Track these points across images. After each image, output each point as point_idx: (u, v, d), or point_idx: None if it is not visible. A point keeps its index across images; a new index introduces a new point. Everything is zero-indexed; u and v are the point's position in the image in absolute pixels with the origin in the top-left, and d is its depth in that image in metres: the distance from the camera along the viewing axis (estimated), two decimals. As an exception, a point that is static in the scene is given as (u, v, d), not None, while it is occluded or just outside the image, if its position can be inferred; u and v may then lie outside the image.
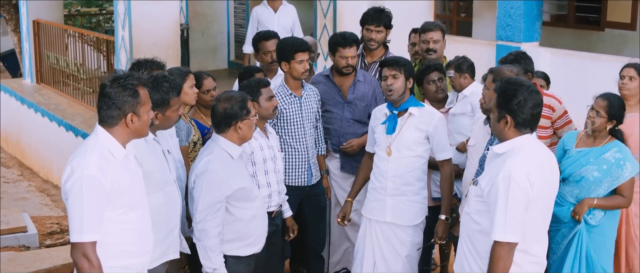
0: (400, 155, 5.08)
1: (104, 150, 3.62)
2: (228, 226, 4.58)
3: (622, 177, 5.02)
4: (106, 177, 3.54)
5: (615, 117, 5.07)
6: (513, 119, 3.94)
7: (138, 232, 3.74)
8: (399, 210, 5.14)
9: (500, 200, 3.85)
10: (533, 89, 3.96)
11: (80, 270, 3.52)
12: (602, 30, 11.06)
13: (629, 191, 5.06)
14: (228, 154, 4.58)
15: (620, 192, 5.07)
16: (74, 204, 3.51)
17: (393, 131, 5.10)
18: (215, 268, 4.49)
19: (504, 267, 3.89)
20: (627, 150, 5.07)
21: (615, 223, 5.20)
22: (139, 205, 3.75)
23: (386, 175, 5.13)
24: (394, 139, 5.10)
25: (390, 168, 5.11)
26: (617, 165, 5.02)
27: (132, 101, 3.63)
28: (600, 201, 5.06)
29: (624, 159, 5.02)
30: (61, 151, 10.60)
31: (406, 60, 5.20)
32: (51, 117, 11.05)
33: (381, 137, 5.17)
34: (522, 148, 3.94)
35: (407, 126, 5.10)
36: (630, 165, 5.02)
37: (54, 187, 11.00)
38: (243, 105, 4.57)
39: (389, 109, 5.17)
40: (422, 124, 5.09)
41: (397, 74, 5.05)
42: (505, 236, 3.85)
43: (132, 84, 3.63)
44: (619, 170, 5.02)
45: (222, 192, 4.47)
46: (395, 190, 5.12)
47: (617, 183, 5.05)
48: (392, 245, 5.21)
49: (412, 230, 5.20)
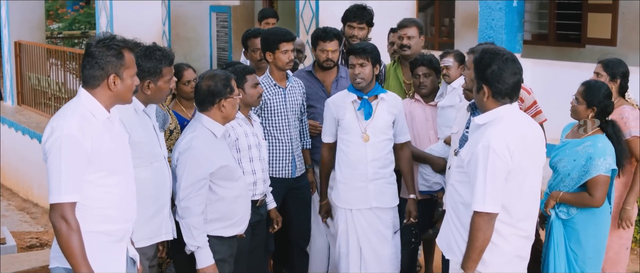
0: (376, 139, 5.18)
1: (85, 111, 3.55)
2: (211, 205, 4.52)
3: (589, 173, 4.74)
4: (86, 138, 3.47)
5: (594, 104, 4.82)
6: (490, 88, 3.92)
7: (120, 198, 3.65)
8: (382, 194, 5.24)
9: (480, 169, 3.82)
10: (509, 57, 3.93)
11: (59, 232, 3.43)
12: (583, 47, 11.17)
13: (598, 190, 4.74)
14: (211, 133, 4.54)
15: (588, 188, 4.78)
16: (53, 164, 3.44)
17: (369, 116, 5.17)
18: (199, 246, 4.42)
19: (484, 237, 3.86)
20: (604, 147, 4.76)
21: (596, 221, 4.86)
22: (121, 171, 3.67)
23: (365, 161, 5.18)
24: (369, 124, 5.17)
25: (369, 153, 5.17)
26: (587, 159, 4.76)
27: (115, 62, 3.58)
28: (566, 195, 4.85)
29: (595, 155, 4.75)
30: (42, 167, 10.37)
31: (372, 47, 5.25)
32: (32, 134, 10.95)
33: (352, 124, 5.21)
34: (502, 119, 3.92)
35: (379, 110, 5.22)
36: (602, 162, 4.73)
37: (33, 205, 10.89)
38: (227, 83, 4.54)
39: (358, 95, 5.22)
40: (391, 107, 5.25)
41: (364, 62, 5.14)
42: (485, 206, 3.82)
43: (118, 46, 3.59)
44: (588, 164, 4.76)
45: (205, 169, 4.42)
46: (375, 174, 5.20)
47: (585, 178, 4.77)
48: (378, 230, 5.28)
49: (393, 211, 5.34)
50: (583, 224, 4.87)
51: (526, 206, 4.01)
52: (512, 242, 3.99)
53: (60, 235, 3.43)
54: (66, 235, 3.42)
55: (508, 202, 3.91)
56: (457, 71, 5.57)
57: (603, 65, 5.31)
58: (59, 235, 3.44)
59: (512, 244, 3.99)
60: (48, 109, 11.92)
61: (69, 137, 3.43)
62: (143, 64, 4.16)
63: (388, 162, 5.29)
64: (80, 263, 3.44)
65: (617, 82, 5.24)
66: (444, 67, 5.57)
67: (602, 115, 4.89)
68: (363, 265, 5.36)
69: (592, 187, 4.77)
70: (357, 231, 5.29)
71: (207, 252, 4.45)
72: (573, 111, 4.97)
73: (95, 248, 3.52)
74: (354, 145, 5.20)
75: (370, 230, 5.26)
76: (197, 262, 4.45)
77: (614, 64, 5.31)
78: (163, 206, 4.33)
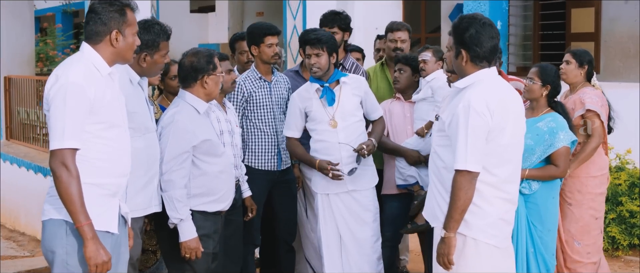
0: (346, 123, 5.27)
1: (89, 64, 3.62)
2: (195, 180, 4.55)
3: (553, 145, 5.05)
4: (90, 87, 3.53)
5: (549, 83, 5.19)
6: (468, 52, 4.02)
7: (116, 152, 3.69)
8: (357, 176, 5.28)
9: (461, 129, 3.89)
10: (486, 22, 4.03)
11: (58, 179, 3.45)
12: (566, 76, 11.29)
13: (562, 160, 5.07)
14: (194, 108, 4.59)
15: (553, 161, 5.08)
16: (57, 110, 3.48)
17: (333, 102, 5.25)
18: (182, 218, 4.43)
19: (465, 196, 3.89)
20: (563, 121, 5.14)
21: (553, 194, 5.14)
22: (119, 125, 3.72)
23: (338, 146, 5.25)
24: (336, 110, 5.26)
25: (341, 138, 5.24)
26: (550, 133, 5.07)
27: (118, 18, 3.68)
28: (532, 171, 5.06)
29: (557, 128, 5.07)
30: (29, 195, 10.46)
31: (328, 37, 5.34)
32: (20, 163, 10.95)
33: (319, 113, 5.30)
34: (481, 82, 4.01)
35: (343, 94, 5.31)
36: (564, 134, 5.07)
37: (20, 235, 10.81)
38: (210, 60, 4.61)
39: (318, 84, 5.30)
40: (355, 89, 5.34)
41: (319, 52, 5.24)
42: (466, 165, 3.87)
43: (120, 3, 3.70)
44: (551, 138, 5.06)
45: (188, 142, 4.46)
46: (350, 157, 5.25)
47: (549, 151, 5.07)
48: (357, 213, 5.33)
49: (370, 193, 5.39)
50: (543, 198, 5.09)
51: (509, 169, 4.05)
52: (496, 204, 4.02)
53: (60, 181, 3.45)
54: (66, 181, 3.45)
55: (490, 163, 3.95)
56: (434, 66, 5.67)
57: (572, 54, 5.79)
58: (59, 182, 3.46)
59: (496, 206, 4.02)
60: (36, 142, 11.92)
61: (74, 85, 3.49)
62: (141, 37, 4.23)
63: None
64: (78, 210, 3.46)
65: (584, 68, 5.73)
66: (422, 60, 5.67)
67: (554, 93, 5.26)
68: (343, 251, 5.36)
69: (557, 158, 5.07)
70: (335, 216, 5.33)
71: (190, 225, 4.46)
72: (527, 91, 5.29)
73: (89, 200, 3.53)
74: (324, 132, 5.28)
75: (348, 214, 5.31)
76: (180, 235, 4.46)
77: (581, 52, 5.80)
78: (153, 177, 4.37)
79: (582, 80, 5.73)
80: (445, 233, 3.96)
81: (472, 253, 4.00)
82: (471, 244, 4.00)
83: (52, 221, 3.62)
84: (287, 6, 9.11)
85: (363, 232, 5.34)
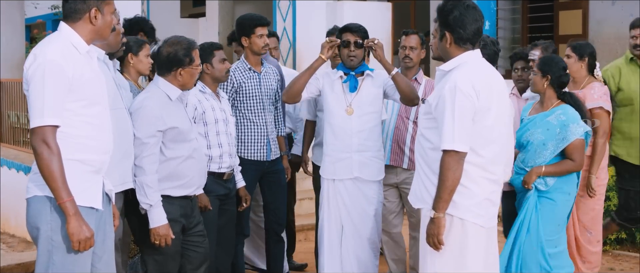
0: (362, 111, 5.28)
1: (67, 43, 3.65)
2: (160, 165, 4.54)
3: (566, 138, 5.03)
4: (69, 65, 3.55)
5: (548, 73, 5.13)
6: (452, 34, 4.06)
7: (98, 128, 3.71)
8: (365, 166, 5.30)
9: (448, 109, 3.92)
10: (470, 5, 4.08)
11: (39, 156, 3.47)
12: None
13: (578, 153, 5.05)
14: (166, 95, 4.59)
15: (568, 155, 5.06)
16: (36, 89, 3.50)
17: (355, 89, 5.29)
18: (152, 204, 4.44)
19: (454, 176, 3.91)
20: (574, 113, 5.09)
21: (568, 190, 5.14)
22: (100, 102, 3.74)
23: (350, 133, 5.28)
24: (354, 97, 5.29)
25: (354, 125, 5.28)
26: (561, 126, 5.04)
27: None
28: (549, 168, 5.06)
29: (568, 121, 5.04)
30: (19, 196, 10.33)
31: (366, 30, 5.38)
32: (10, 165, 10.94)
33: (338, 99, 5.33)
34: (466, 63, 4.05)
35: (364, 86, 5.34)
36: (576, 126, 5.03)
37: (10, 236, 10.77)
38: (187, 53, 4.59)
39: (344, 72, 5.35)
40: (376, 82, 5.35)
41: (358, 40, 5.28)
42: (454, 144, 3.89)
43: None
44: (563, 131, 5.04)
45: (156, 127, 4.46)
46: (360, 145, 5.29)
47: (563, 145, 5.05)
48: (360, 204, 5.32)
49: (376, 185, 5.37)
50: (557, 193, 5.08)
51: (494, 149, 4.08)
52: (482, 185, 4.05)
53: (41, 159, 3.47)
54: (47, 158, 3.46)
55: (476, 143, 3.99)
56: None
57: (572, 48, 5.71)
58: (40, 159, 3.48)
59: (482, 187, 4.05)
60: (27, 146, 11.90)
61: (52, 63, 3.51)
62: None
63: (375, 135, 5.34)
64: (60, 187, 3.48)
65: (585, 60, 5.66)
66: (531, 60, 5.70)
67: (558, 85, 5.17)
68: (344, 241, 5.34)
69: (572, 152, 5.05)
70: (338, 204, 5.33)
71: (160, 212, 4.46)
72: (532, 84, 5.26)
73: (73, 176, 3.55)
74: (339, 117, 5.31)
75: (352, 204, 5.30)
76: (150, 221, 4.46)
77: (582, 45, 5.73)
78: (127, 153, 4.37)
79: (585, 74, 5.68)
80: (434, 213, 3.98)
81: (459, 232, 4.02)
82: (458, 224, 4.03)
83: (36, 198, 3.63)
84: (277, 8, 9.16)
85: (365, 227, 5.32)
